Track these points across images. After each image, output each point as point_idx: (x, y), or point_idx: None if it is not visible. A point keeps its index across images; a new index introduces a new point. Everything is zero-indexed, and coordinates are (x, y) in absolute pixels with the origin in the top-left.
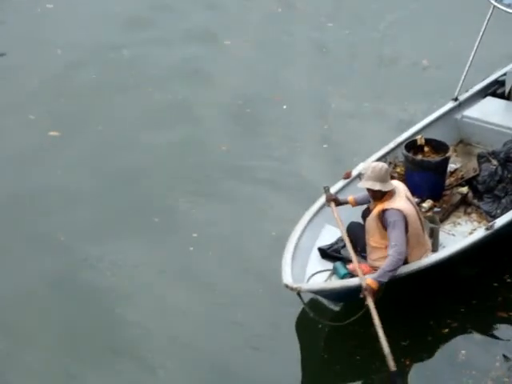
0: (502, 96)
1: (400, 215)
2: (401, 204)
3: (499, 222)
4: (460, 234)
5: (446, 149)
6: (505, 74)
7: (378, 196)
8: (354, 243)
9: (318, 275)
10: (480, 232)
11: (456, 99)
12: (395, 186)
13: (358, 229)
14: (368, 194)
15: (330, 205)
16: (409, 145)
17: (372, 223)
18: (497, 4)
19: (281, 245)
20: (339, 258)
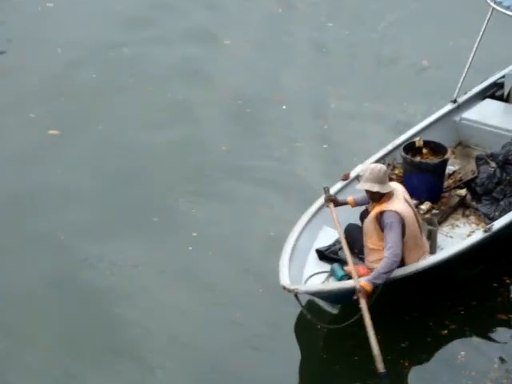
0: (501, 98)
1: (397, 217)
2: (398, 206)
3: (497, 225)
4: (458, 236)
5: (445, 151)
6: (504, 77)
7: (377, 197)
8: (352, 245)
9: (316, 277)
10: (478, 234)
11: (455, 101)
12: (394, 188)
13: (356, 231)
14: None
15: (329, 205)
16: (407, 147)
17: (370, 225)
18: (496, 6)
19: (280, 245)
20: (337, 260)
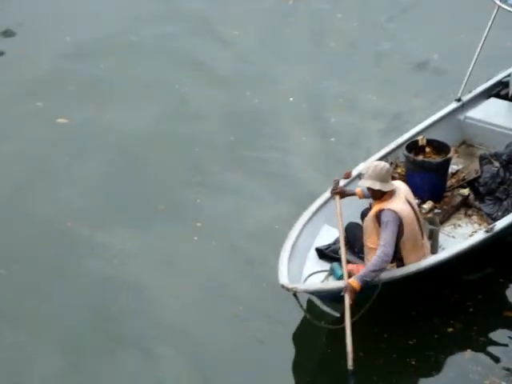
0: (506, 97)
1: (394, 216)
2: (398, 205)
3: (499, 225)
4: (460, 236)
5: (448, 150)
6: (509, 75)
7: (378, 195)
8: (352, 244)
9: (315, 276)
10: (480, 234)
11: (459, 100)
12: (396, 187)
13: (356, 229)
14: None
15: (335, 198)
16: (410, 145)
17: (369, 223)
18: (501, 4)
19: (284, 238)
20: (337, 259)
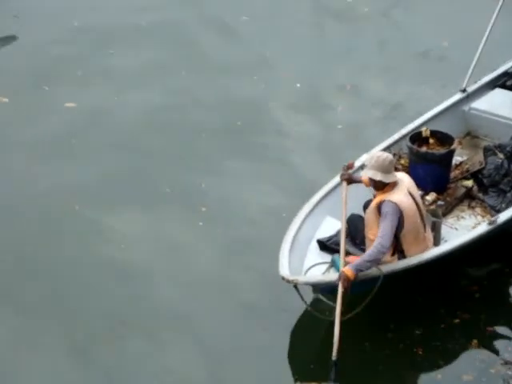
0: None
1: (394, 208)
2: (399, 197)
3: (502, 217)
4: (463, 228)
5: (452, 141)
6: None
7: (380, 186)
8: (354, 236)
9: (316, 267)
10: (483, 226)
11: (464, 90)
12: (399, 179)
13: (358, 221)
14: None
15: (342, 183)
16: (414, 136)
17: (371, 215)
18: None
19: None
20: (338, 251)
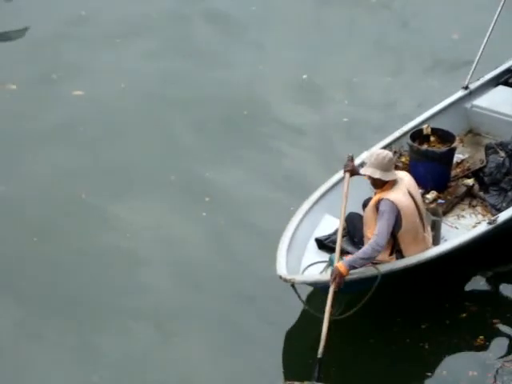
0: None
1: (391, 207)
2: (397, 196)
3: (502, 217)
4: (463, 227)
5: (453, 139)
6: None
7: (378, 184)
8: (352, 234)
9: (314, 266)
10: (483, 226)
11: (466, 87)
12: (399, 178)
13: (357, 220)
14: None
15: (345, 175)
16: (414, 134)
17: (369, 214)
18: None
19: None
20: None
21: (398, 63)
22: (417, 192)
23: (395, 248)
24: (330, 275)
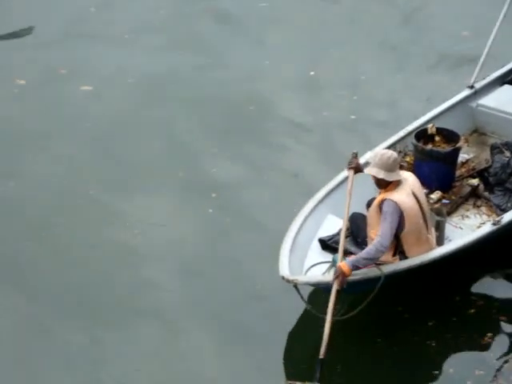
0: None
1: (395, 207)
2: (400, 197)
3: (507, 217)
4: (468, 228)
5: (458, 139)
6: None
7: (382, 185)
8: (356, 234)
9: (317, 267)
10: (487, 227)
11: (472, 87)
12: (404, 178)
13: (360, 220)
14: None
15: (349, 172)
16: (419, 134)
17: (373, 214)
18: None
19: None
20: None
21: (406, 61)
22: (421, 193)
23: (398, 249)
24: (334, 274)
